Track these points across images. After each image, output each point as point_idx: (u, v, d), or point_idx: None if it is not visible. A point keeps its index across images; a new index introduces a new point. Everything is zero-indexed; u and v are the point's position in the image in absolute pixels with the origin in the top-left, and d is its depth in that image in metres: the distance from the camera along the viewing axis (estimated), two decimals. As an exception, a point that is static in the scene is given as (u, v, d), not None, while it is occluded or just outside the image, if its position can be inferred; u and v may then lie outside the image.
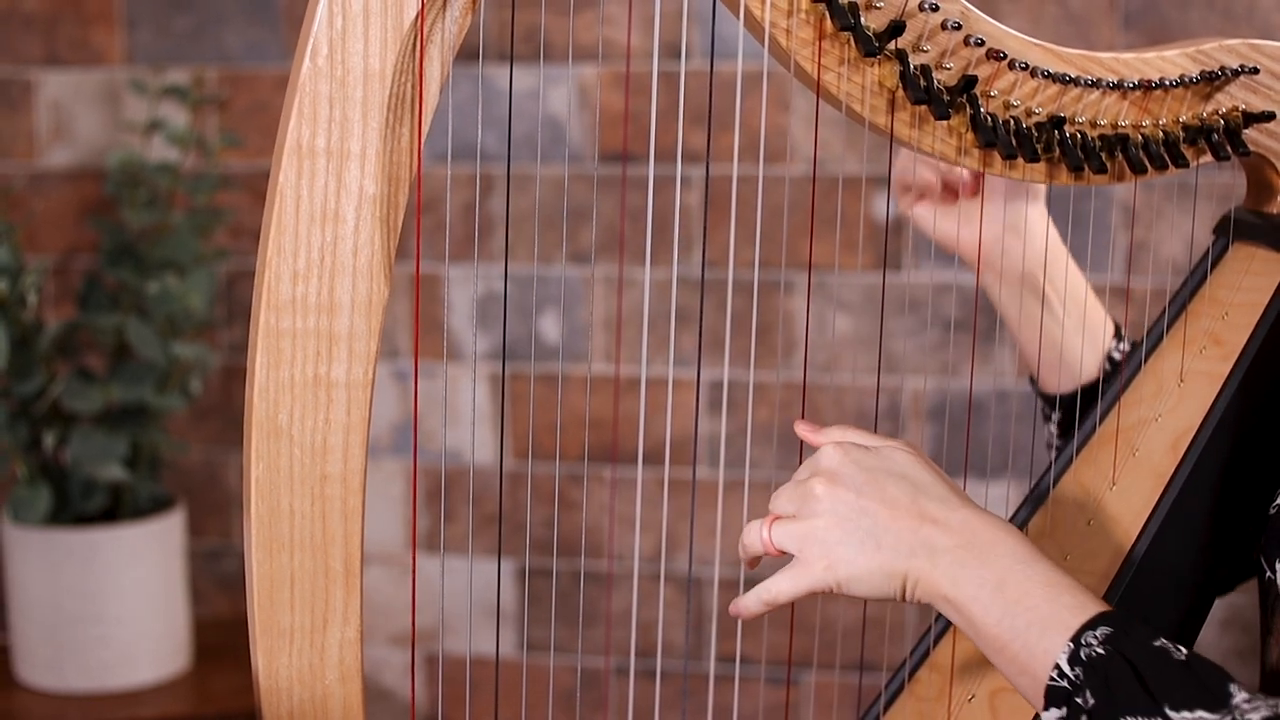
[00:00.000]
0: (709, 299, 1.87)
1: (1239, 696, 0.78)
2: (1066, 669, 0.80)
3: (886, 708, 1.05)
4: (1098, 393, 1.15)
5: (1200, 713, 0.77)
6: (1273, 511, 0.96)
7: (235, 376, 2.01)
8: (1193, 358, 1.07)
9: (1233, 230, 1.11)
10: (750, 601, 0.90)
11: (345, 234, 0.86)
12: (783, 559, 0.90)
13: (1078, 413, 1.15)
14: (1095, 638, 0.80)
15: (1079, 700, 0.79)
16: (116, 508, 1.81)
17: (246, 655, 0.92)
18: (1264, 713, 0.76)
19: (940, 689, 1.02)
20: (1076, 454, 1.10)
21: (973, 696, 1.00)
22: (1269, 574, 0.96)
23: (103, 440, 1.75)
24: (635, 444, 1.92)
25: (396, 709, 2.04)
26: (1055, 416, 1.20)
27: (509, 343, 1.95)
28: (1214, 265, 1.11)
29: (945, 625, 1.06)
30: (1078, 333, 1.15)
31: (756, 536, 0.90)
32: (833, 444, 0.89)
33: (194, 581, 2.02)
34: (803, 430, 0.93)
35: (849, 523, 0.86)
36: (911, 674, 1.05)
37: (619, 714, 1.95)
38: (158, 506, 1.83)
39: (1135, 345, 1.15)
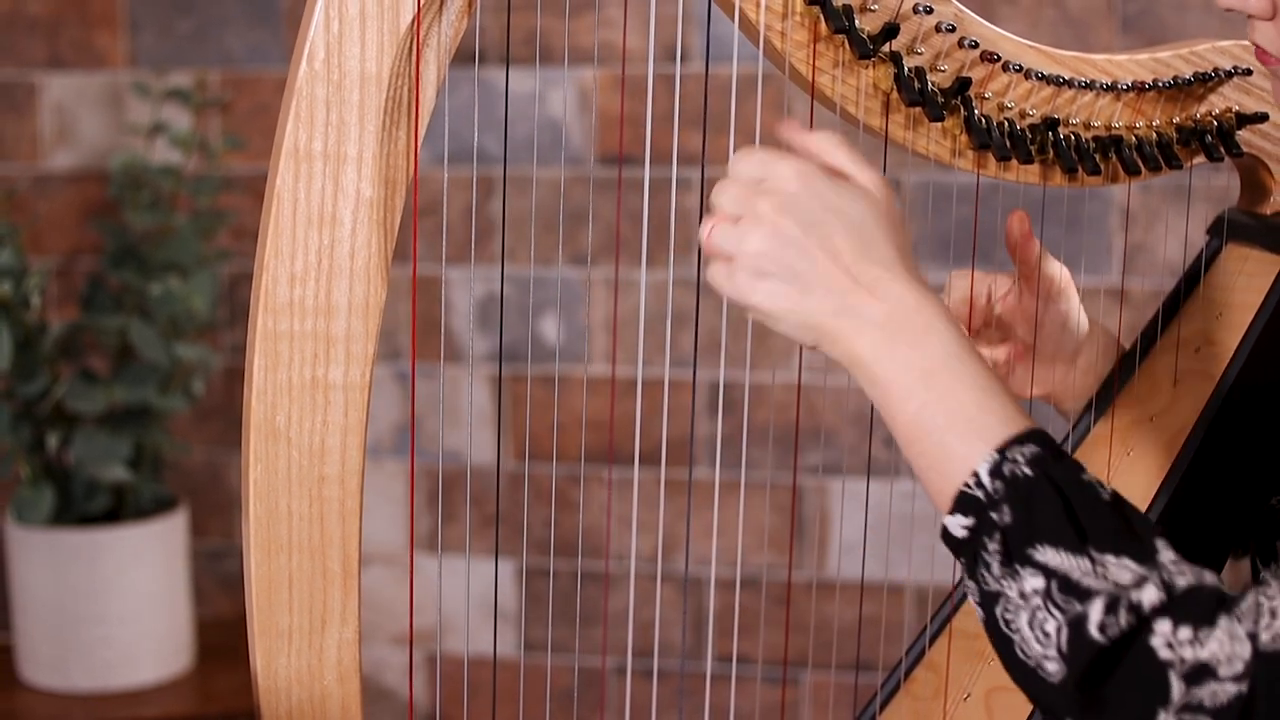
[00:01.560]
0: (706, 300, 1.88)
1: (1166, 554, 0.74)
2: (985, 479, 0.75)
3: (883, 707, 1.06)
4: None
5: (1126, 560, 0.73)
6: (1268, 513, 0.97)
7: (237, 378, 2.01)
8: (1187, 357, 1.07)
9: (1226, 231, 1.11)
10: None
11: (342, 237, 0.87)
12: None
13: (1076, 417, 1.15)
14: (1023, 454, 0.76)
15: (993, 515, 0.75)
16: (119, 508, 1.82)
17: (248, 655, 0.92)
18: (1189, 579, 0.73)
19: (936, 688, 1.03)
20: (1072, 453, 1.10)
21: (968, 695, 1.01)
22: (1263, 574, 0.96)
23: (106, 441, 1.76)
24: (633, 445, 1.92)
25: (396, 709, 2.05)
26: None
27: (508, 344, 1.96)
28: (1208, 266, 1.11)
29: (941, 625, 1.07)
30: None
31: (702, 233, 0.82)
32: (796, 164, 0.81)
33: (196, 581, 2.03)
34: (789, 130, 0.85)
35: (784, 254, 0.79)
36: (908, 673, 1.06)
37: (617, 714, 1.96)
38: (160, 507, 1.83)
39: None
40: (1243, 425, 1.02)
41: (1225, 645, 0.71)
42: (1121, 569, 0.73)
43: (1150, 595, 0.72)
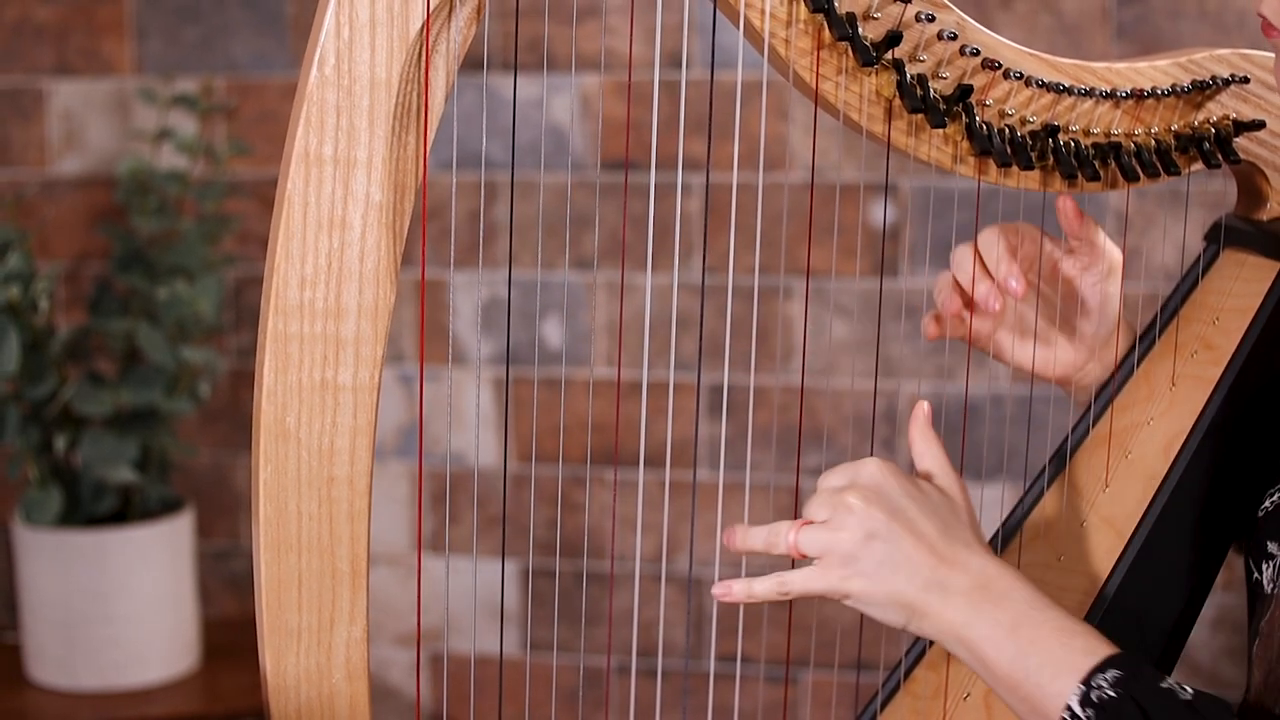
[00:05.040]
0: (709, 304, 1.89)
1: None
2: (1078, 710, 0.83)
3: (883, 706, 1.06)
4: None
5: None
6: (1260, 514, 0.98)
7: (243, 380, 2.03)
8: (1184, 362, 1.08)
9: (1223, 237, 1.12)
10: (760, 586, 0.92)
11: (352, 240, 0.88)
12: (791, 562, 0.92)
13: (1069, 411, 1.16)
14: (1105, 680, 0.83)
15: None
16: (126, 509, 1.83)
17: (254, 654, 0.92)
18: None
19: (936, 687, 1.04)
20: (1071, 456, 1.11)
21: (968, 695, 1.01)
22: (1255, 575, 0.98)
23: (113, 443, 1.77)
24: (637, 447, 1.93)
25: (402, 708, 2.06)
26: None
27: (512, 347, 1.97)
28: (1205, 271, 1.12)
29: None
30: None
31: (782, 538, 0.91)
32: (876, 461, 0.91)
33: (202, 582, 2.04)
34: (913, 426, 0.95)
35: (875, 541, 0.88)
36: (908, 673, 1.06)
37: (620, 713, 1.97)
38: (167, 508, 1.84)
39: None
40: (1239, 429, 1.03)
41: None
42: None
43: None
